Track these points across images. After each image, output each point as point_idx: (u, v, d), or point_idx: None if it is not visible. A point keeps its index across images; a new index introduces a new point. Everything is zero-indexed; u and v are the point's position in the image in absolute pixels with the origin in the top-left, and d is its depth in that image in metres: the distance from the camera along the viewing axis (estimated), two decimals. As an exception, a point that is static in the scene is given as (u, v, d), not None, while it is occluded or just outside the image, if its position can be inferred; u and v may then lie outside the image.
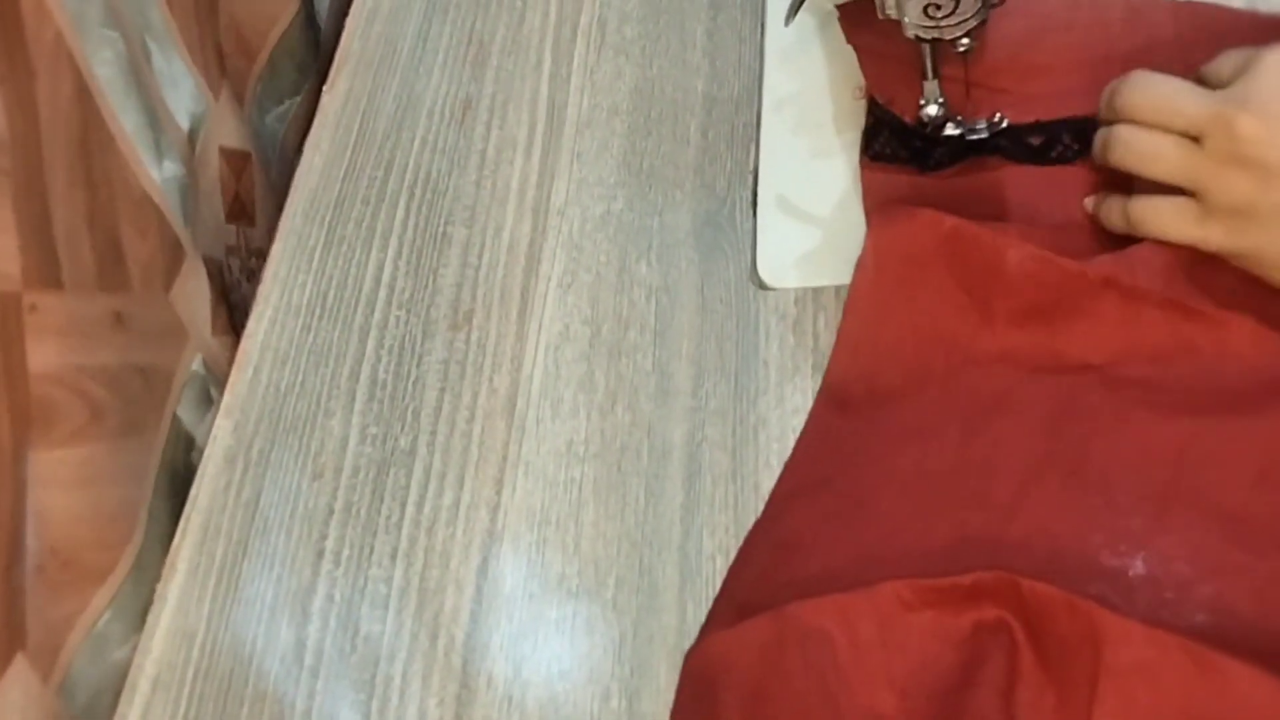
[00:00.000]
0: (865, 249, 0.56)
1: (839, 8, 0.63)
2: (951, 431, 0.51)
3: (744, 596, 0.49)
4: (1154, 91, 0.51)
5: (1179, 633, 0.42)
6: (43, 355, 0.49)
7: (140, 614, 0.54)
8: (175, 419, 0.59)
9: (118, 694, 0.52)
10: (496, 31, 0.71)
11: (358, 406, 0.58)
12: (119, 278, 0.55)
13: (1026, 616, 0.44)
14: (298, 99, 0.77)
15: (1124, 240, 0.54)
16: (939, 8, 0.55)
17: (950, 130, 0.59)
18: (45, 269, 0.50)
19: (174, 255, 0.60)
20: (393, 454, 0.56)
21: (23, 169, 0.49)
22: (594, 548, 0.53)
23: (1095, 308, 0.52)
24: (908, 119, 0.60)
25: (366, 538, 0.54)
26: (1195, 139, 0.49)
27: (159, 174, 0.59)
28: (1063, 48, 0.61)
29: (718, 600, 0.50)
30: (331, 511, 0.55)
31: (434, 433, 0.57)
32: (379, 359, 0.59)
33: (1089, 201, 0.55)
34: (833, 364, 0.54)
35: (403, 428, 0.57)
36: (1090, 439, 0.49)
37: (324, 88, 0.71)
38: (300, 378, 0.59)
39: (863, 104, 0.62)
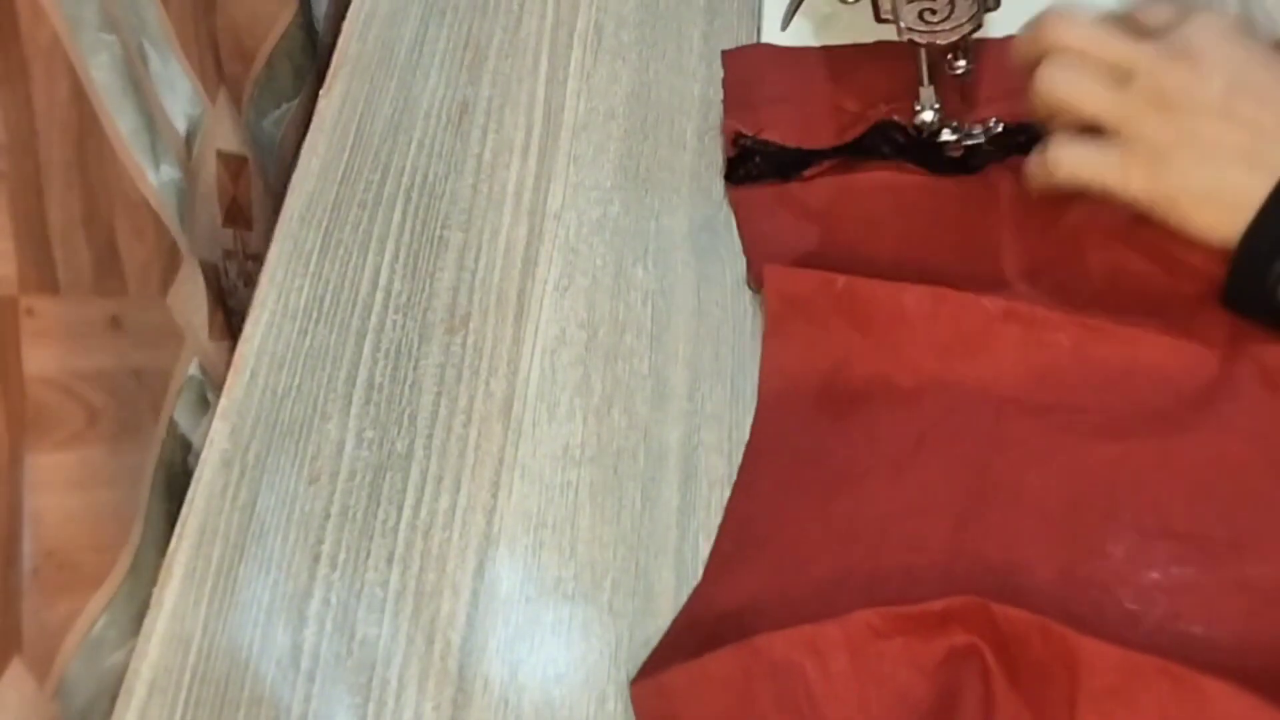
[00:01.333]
0: (766, 320, 0.56)
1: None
2: (880, 476, 0.51)
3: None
4: (1084, 28, 0.52)
5: (1152, 652, 0.43)
6: (39, 359, 0.49)
7: (136, 618, 0.54)
8: (172, 423, 0.59)
9: (114, 698, 0.52)
10: (493, 35, 0.71)
11: (354, 410, 0.58)
12: (115, 281, 0.55)
13: (999, 641, 0.44)
14: (295, 103, 0.77)
15: (1015, 255, 0.55)
16: (934, 12, 0.55)
17: (946, 135, 0.60)
18: (41, 273, 0.50)
19: (171, 259, 0.60)
20: (389, 458, 0.56)
21: (19, 172, 0.49)
22: (590, 551, 0.53)
23: (999, 339, 0.52)
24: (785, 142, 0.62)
25: (363, 541, 0.54)
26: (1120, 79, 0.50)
27: (156, 178, 0.59)
28: None
29: (665, 643, 0.49)
30: (328, 515, 0.55)
31: (430, 436, 0.57)
32: (375, 363, 0.59)
33: None
34: (756, 425, 0.54)
35: (399, 431, 0.57)
36: (1021, 471, 0.50)
37: (321, 91, 0.71)
38: (297, 381, 0.59)
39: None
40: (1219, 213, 0.49)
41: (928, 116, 0.59)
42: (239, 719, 0.50)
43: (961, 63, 0.57)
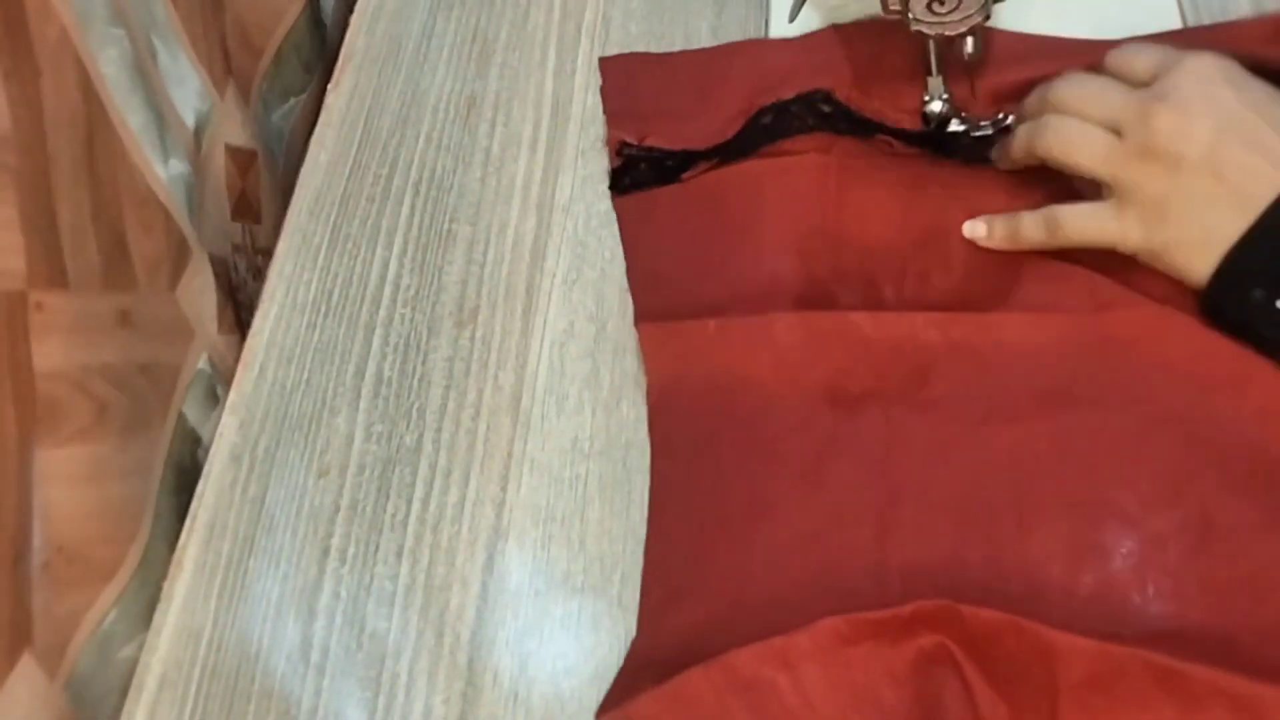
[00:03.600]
0: (648, 374, 0.56)
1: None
2: (788, 498, 0.51)
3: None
4: (1083, 86, 0.53)
5: (1095, 620, 0.43)
6: (48, 353, 0.49)
7: (147, 611, 0.54)
8: (181, 417, 0.59)
9: (124, 692, 0.52)
10: (501, 28, 0.71)
11: (363, 404, 0.58)
12: (125, 276, 0.55)
13: (969, 640, 0.44)
14: (303, 96, 0.77)
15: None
16: (943, 3, 0.55)
17: (955, 126, 0.59)
18: (51, 267, 0.50)
19: (180, 253, 0.60)
20: (398, 451, 0.56)
21: (28, 166, 0.49)
22: (599, 544, 0.53)
23: (874, 351, 0.53)
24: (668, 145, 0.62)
25: (372, 535, 0.54)
26: (1117, 133, 0.51)
27: (164, 172, 0.59)
28: None
29: (620, 682, 0.49)
30: (337, 509, 0.55)
31: (439, 430, 0.57)
32: (384, 356, 0.59)
33: (976, 227, 0.55)
34: (654, 473, 0.53)
35: (408, 425, 0.57)
36: (923, 467, 0.50)
37: (329, 85, 0.71)
38: (306, 375, 0.60)
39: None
40: (1211, 258, 0.49)
41: (936, 107, 0.59)
42: (249, 712, 0.51)
43: (969, 48, 0.57)
